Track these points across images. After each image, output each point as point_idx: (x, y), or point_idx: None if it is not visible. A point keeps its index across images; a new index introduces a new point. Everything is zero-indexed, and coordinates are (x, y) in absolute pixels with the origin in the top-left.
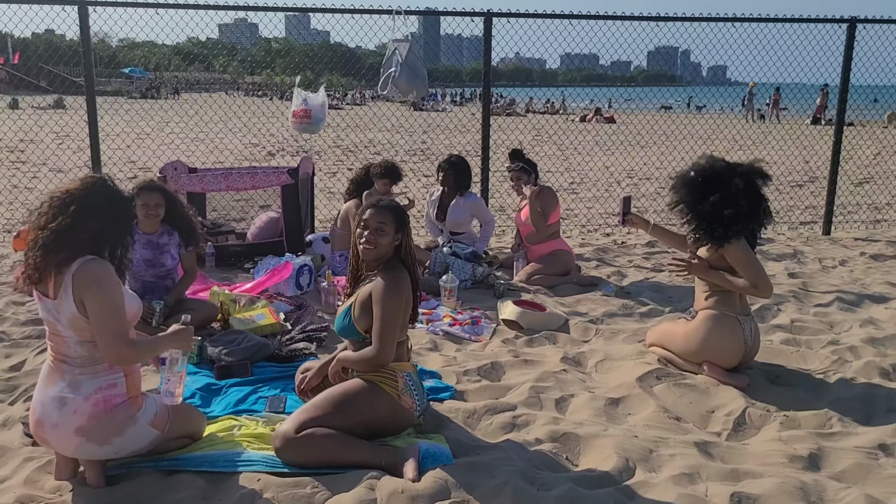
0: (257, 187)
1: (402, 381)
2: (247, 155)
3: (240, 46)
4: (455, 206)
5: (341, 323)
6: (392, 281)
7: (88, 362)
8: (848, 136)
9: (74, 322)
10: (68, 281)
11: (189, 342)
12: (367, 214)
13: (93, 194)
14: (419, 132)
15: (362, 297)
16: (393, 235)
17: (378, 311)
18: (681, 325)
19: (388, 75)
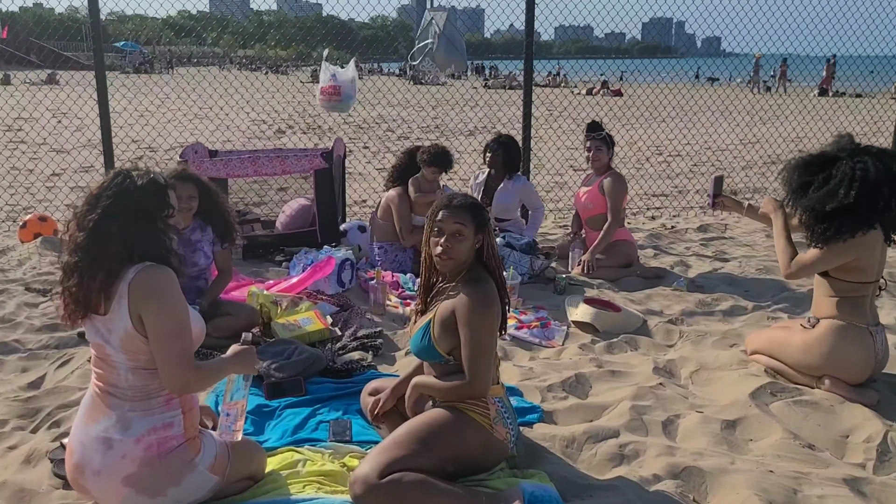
0: (288, 172)
1: (495, 409)
2: (255, 133)
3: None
4: (503, 190)
5: (419, 344)
6: (480, 296)
7: (141, 395)
8: (863, 109)
9: (128, 342)
10: (123, 291)
11: (253, 364)
12: (440, 216)
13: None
14: (427, 107)
15: (443, 315)
16: (473, 238)
17: (467, 334)
18: (797, 334)
19: (425, 47)
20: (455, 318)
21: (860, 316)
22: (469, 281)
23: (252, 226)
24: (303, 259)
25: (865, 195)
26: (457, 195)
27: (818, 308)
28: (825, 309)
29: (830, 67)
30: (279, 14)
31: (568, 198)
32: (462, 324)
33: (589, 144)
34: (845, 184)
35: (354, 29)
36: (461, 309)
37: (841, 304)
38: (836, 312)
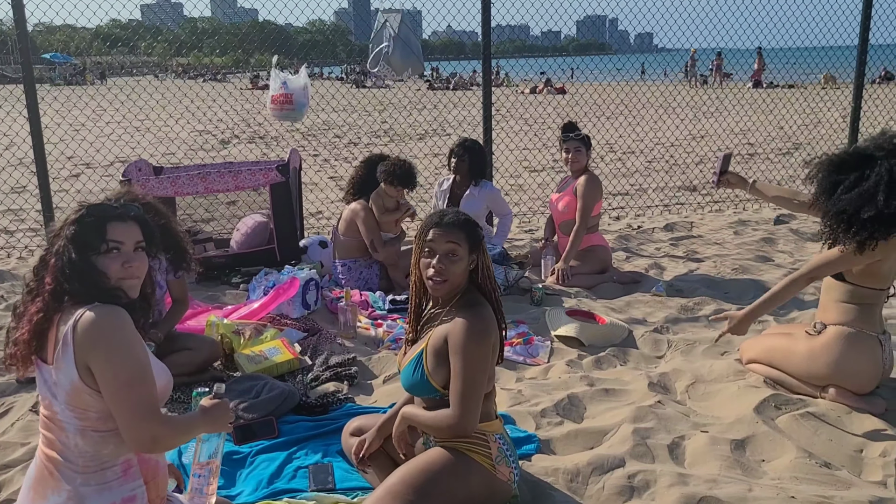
0: (242, 188)
1: (496, 447)
2: (199, 144)
3: (164, 28)
4: (469, 197)
5: (411, 379)
6: (475, 322)
7: (95, 466)
8: (798, 99)
9: (75, 396)
10: (68, 337)
11: (227, 421)
12: (431, 235)
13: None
14: (374, 111)
15: (436, 344)
16: (468, 259)
17: (458, 364)
18: (801, 342)
19: (380, 51)
20: (447, 346)
21: (871, 324)
22: (464, 306)
23: (204, 246)
24: (263, 281)
25: None
26: (447, 212)
27: (826, 314)
28: (834, 315)
29: (761, 59)
30: (213, 21)
31: (526, 200)
32: (454, 352)
33: (567, 146)
34: (883, 188)
35: (292, 34)
36: (455, 336)
37: (853, 311)
38: (846, 319)
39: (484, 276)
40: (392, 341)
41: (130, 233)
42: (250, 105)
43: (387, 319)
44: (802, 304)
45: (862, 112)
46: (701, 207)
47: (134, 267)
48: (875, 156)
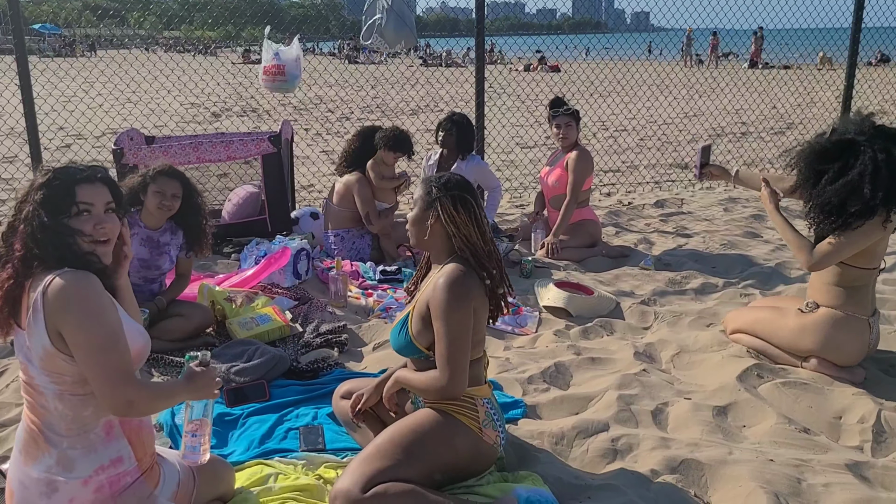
0: (234, 158)
1: (484, 411)
2: (190, 117)
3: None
4: (457, 171)
5: (397, 339)
6: (450, 286)
7: (77, 429)
8: (793, 79)
9: (48, 361)
10: (38, 302)
11: (211, 390)
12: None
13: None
14: (366, 87)
15: (421, 308)
16: (423, 216)
17: (440, 328)
18: (792, 318)
19: (373, 24)
20: (429, 310)
21: (862, 307)
22: (446, 271)
23: None
24: (254, 250)
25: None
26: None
27: (819, 294)
28: (827, 297)
29: (758, 40)
30: None
31: (518, 176)
32: (435, 317)
33: (557, 121)
34: (868, 178)
35: (284, 8)
36: (433, 301)
37: (844, 294)
38: (838, 302)
39: (461, 240)
40: (382, 310)
41: (99, 194)
42: (242, 78)
43: (377, 289)
44: (788, 280)
45: (855, 93)
46: (692, 185)
47: (106, 228)
48: (857, 141)
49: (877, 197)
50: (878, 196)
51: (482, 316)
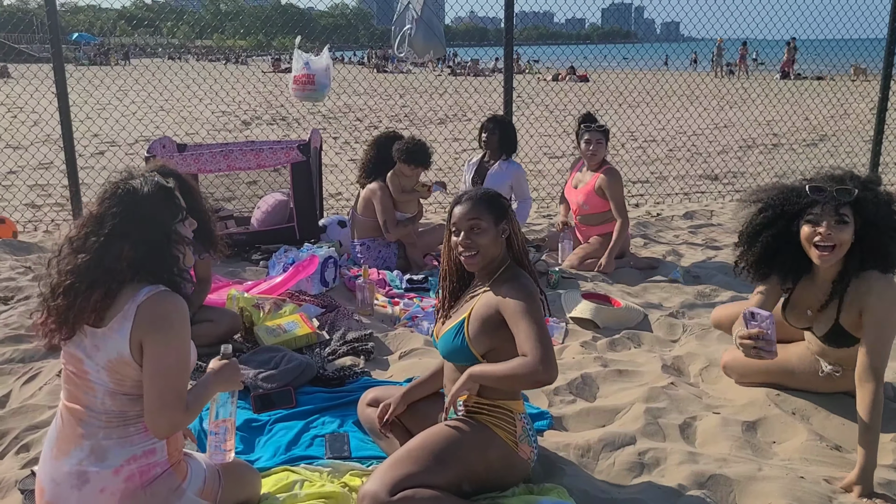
0: (263, 166)
1: (521, 426)
2: (221, 125)
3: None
4: (497, 170)
5: (451, 343)
6: (529, 283)
7: (118, 422)
8: (826, 91)
9: (117, 365)
10: (130, 312)
11: (237, 380)
12: (454, 216)
13: (115, 216)
14: (394, 95)
15: (483, 313)
16: (495, 229)
17: (525, 323)
18: (805, 377)
19: (404, 34)
20: (498, 316)
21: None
22: (513, 278)
23: (226, 223)
24: (282, 258)
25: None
26: (466, 191)
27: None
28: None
29: (791, 51)
30: (236, 3)
31: (546, 186)
32: (518, 315)
33: (588, 137)
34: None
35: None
36: (510, 305)
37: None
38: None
39: (518, 246)
40: (408, 319)
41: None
42: (270, 88)
43: (403, 298)
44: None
45: (890, 104)
46: (722, 196)
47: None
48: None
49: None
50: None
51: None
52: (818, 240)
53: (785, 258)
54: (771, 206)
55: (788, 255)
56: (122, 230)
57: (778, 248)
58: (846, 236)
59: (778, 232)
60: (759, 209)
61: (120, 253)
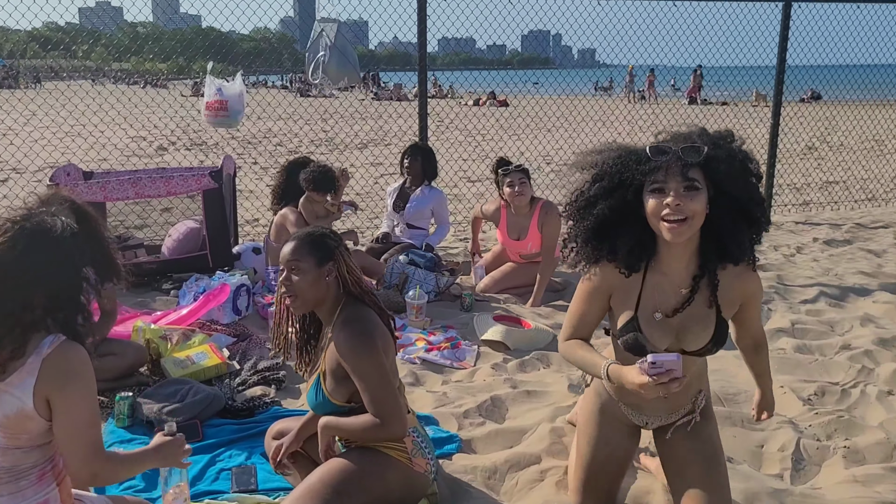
0: (174, 193)
1: (411, 441)
2: (134, 151)
3: (103, 32)
4: (419, 195)
5: (315, 400)
6: (356, 338)
7: (8, 477)
8: (726, 116)
9: (16, 421)
10: (34, 366)
11: (180, 456)
12: (282, 252)
13: (28, 249)
14: (317, 120)
15: (331, 366)
16: (316, 271)
17: (360, 384)
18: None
19: (318, 61)
20: (343, 367)
21: None
22: (343, 324)
23: (135, 252)
24: (193, 287)
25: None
26: (299, 232)
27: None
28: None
29: (697, 77)
30: (155, 26)
31: (463, 210)
32: (351, 372)
33: (510, 180)
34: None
35: (236, 41)
36: (344, 358)
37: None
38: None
39: (354, 283)
40: None
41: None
42: (191, 112)
43: None
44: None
45: (782, 129)
46: None
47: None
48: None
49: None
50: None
51: (391, 349)
52: (666, 213)
53: (626, 236)
54: (607, 175)
55: (629, 231)
56: (34, 276)
57: (616, 223)
58: (698, 206)
59: (615, 204)
60: (593, 177)
61: (31, 301)
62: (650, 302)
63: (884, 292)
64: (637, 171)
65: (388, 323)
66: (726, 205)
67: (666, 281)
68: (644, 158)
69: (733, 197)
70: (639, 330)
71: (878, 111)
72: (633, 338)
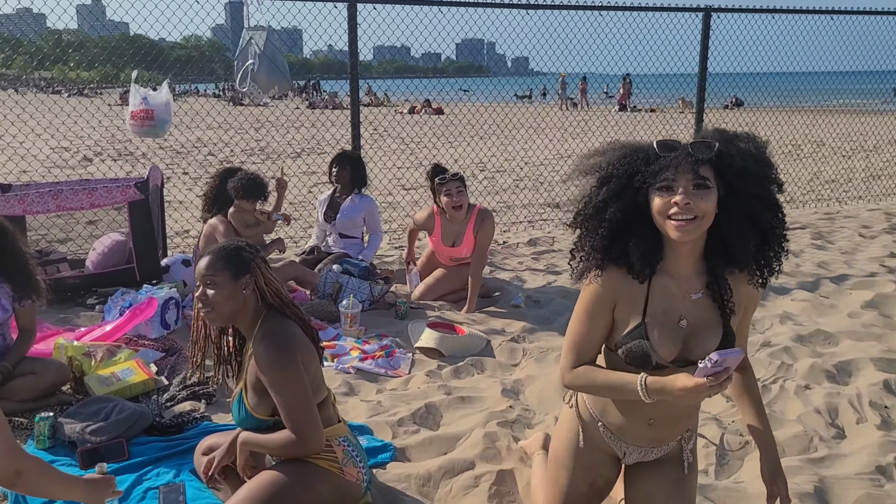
0: (98, 206)
1: (341, 450)
2: (57, 162)
3: (25, 40)
4: (350, 204)
5: (238, 416)
6: (272, 353)
7: None
8: (655, 122)
9: None
10: None
11: (104, 499)
12: (197, 267)
13: None
14: (249, 129)
15: (252, 381)
16: (232, 284)
17: (277, 399)
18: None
19: (246, 69)
20: (262, 382)
21: None
22: (262, 337)
23: (57, 266)
24: (119, 301)
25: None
26: (216, 245)
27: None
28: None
29: (626, 84)
30: (80, 33)
31: (398, 218)
32: (268, 386)
33: (448, 188)
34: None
35: (166, 49)
36: (262, 374)
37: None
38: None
39: (273, 295)
40: None
41: None
42: (118, 122)
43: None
44: None
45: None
46: (564, 224)
47: None
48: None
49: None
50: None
51: (313, 361)
52: (674, 211)
53: (639, 238)
54: (614, 176)
55: (642, 234)
56: None
57: (628, 226)
58: (708, 204)
59: (626, 206)
60: (599, 181)
61: None
62: (657, 307)
63: (801, 290)
64: (646, 171)
65: (312, 334)
66: (736, 207)
67: (673, 284)
68: (652, 156)
69: (744, 199)
70: (645, 337)
71: (795, 116)
72: (639, 346)
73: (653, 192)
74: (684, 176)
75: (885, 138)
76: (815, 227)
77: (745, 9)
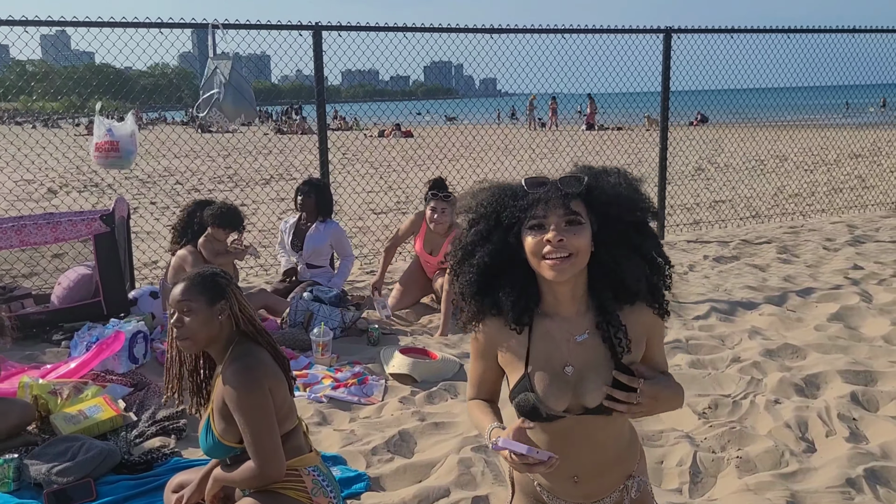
0: (62, 240)
1: (311, 479)
2: (20, 195)
3: None
4: (315, 232)
5: (206, 443)
6: (239, 377)
7: None
8: (621, 140)
9: None
10: None
11: None
12: (172, 294)
13: None
14: (218, 157)
15: (218, 406)
16: (208, 310)
17: (240, 421)
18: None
19: (210, 97)
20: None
21: None
22: (230, 361)
23: (21, 302)
24: (86, 336)
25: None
26: (190, 273)
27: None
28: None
29: (592, 104)
30: (44, 64)
31: (369, 242)
32: (233, 410)
33: (434, 205)
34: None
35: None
36: (227, 396)
37: None
38: None
39: (246, 322)
40: None
41: None
42: (83, 154)
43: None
44: None
45: (671, 152)
46: None
47: None
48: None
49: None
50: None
51: (280, 388)
52: (548, 250)
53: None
54: (482, 217)
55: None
56: None
57: (499, 271)
58: (582, 241)
59: (495, 249)
60: (469, 223)
61: None
62: (540, 355)
63: (769, 305)
64: (514, 206)
65: (283, 363)
66: (614, 238)
67: (555, 328)
68: (520, 193)
69: (621, 228)
70: (531, 389)
71: (758, 132)
72: (524, 399)
73: (525, 232)
74: (555, 212)
75: (845, 152)
76: (781, 241)
77: (704, 29)
